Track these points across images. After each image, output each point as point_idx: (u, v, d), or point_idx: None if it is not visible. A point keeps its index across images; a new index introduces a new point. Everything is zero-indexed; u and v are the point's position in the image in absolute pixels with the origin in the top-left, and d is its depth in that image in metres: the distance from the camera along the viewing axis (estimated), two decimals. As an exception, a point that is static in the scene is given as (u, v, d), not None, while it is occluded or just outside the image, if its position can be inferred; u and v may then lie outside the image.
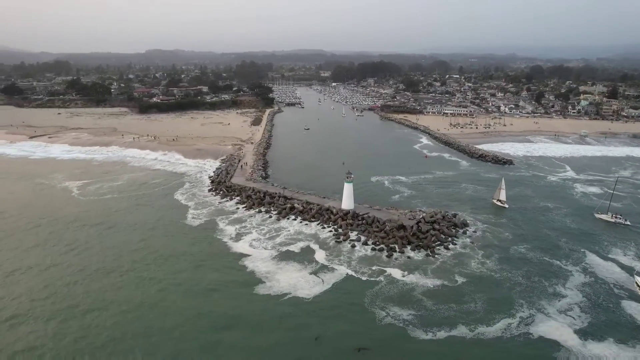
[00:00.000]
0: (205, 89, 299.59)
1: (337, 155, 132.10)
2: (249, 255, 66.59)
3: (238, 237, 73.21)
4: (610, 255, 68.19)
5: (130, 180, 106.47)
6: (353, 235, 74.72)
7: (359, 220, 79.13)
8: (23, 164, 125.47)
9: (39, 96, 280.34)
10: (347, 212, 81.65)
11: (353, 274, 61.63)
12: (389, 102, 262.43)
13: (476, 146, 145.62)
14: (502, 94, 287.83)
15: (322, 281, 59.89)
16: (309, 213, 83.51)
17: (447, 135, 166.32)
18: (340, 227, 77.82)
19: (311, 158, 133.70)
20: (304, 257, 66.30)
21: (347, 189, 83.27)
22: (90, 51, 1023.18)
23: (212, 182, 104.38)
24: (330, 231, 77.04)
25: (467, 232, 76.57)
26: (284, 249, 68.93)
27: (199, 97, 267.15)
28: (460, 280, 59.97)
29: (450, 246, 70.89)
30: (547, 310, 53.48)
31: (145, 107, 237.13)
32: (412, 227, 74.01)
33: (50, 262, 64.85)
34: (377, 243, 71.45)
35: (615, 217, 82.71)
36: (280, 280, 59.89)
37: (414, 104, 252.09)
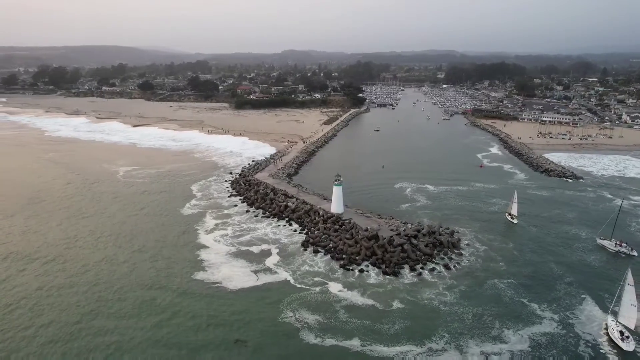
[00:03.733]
0: (301, 87, 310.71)
1: (386, 159, 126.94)
2: (208, 248, 68.68)
3: (212, 230, 75.52)
4: (606, 303, 53.29)
5: (172, 168, 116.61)
6: (325, 240, 71.29)
7: (338, 225, 75.15)
8: (108, 148, 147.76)
9: (163, 91, 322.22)
10: (331, 216, 78.17)
11: (291, 280, 59.44)
12: (481, 106, 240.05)
13: (548, 157, 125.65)
14: (635, 101, 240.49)
15: (257, 279, 59.51)
16: (297, 213, 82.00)
17: (525, 144, 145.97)
18: (318, 229, 74.91)
19: (357, 160, 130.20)
20: (257, 258, 65.52)
21: (336, 192, 79.74)
22: (233, 52, 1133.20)
23: (240, 174, 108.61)
24: (307, 233, 74.76)
25: (452, 254, 66.96)
26: (244, 248, 68.82)
27: (292, 96, 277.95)
28: (396, 306, 53.10)
29: (419, 267, 62.94)
30: (468, 349, 45.17)
31: (240, 104, 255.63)
32: (384, 238, 67.77)
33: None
34: (341, 251, 67.18)
35: (619, 245, 66.17)
36: (221, 271, 61.44)
37: (517, 109, 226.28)
